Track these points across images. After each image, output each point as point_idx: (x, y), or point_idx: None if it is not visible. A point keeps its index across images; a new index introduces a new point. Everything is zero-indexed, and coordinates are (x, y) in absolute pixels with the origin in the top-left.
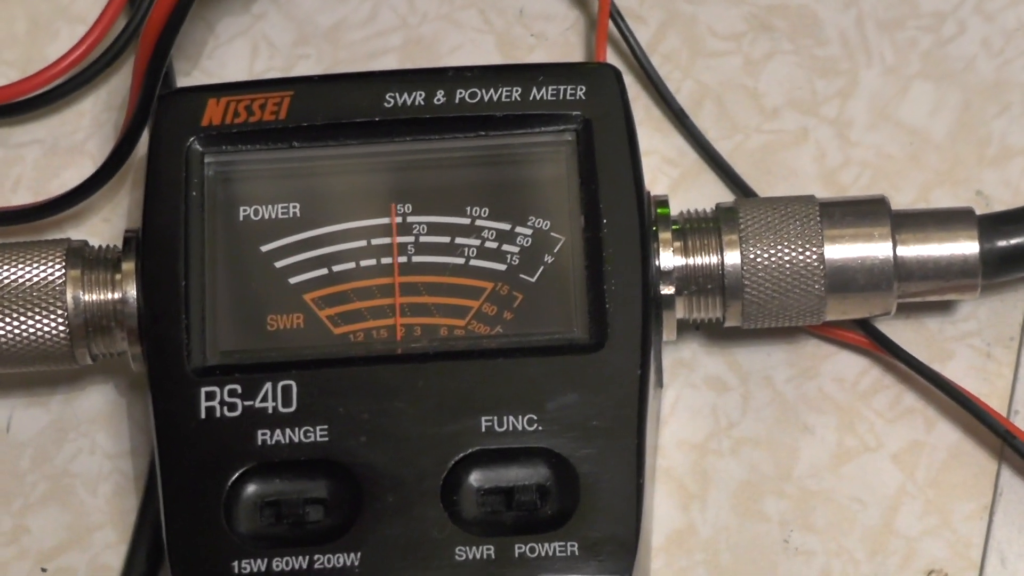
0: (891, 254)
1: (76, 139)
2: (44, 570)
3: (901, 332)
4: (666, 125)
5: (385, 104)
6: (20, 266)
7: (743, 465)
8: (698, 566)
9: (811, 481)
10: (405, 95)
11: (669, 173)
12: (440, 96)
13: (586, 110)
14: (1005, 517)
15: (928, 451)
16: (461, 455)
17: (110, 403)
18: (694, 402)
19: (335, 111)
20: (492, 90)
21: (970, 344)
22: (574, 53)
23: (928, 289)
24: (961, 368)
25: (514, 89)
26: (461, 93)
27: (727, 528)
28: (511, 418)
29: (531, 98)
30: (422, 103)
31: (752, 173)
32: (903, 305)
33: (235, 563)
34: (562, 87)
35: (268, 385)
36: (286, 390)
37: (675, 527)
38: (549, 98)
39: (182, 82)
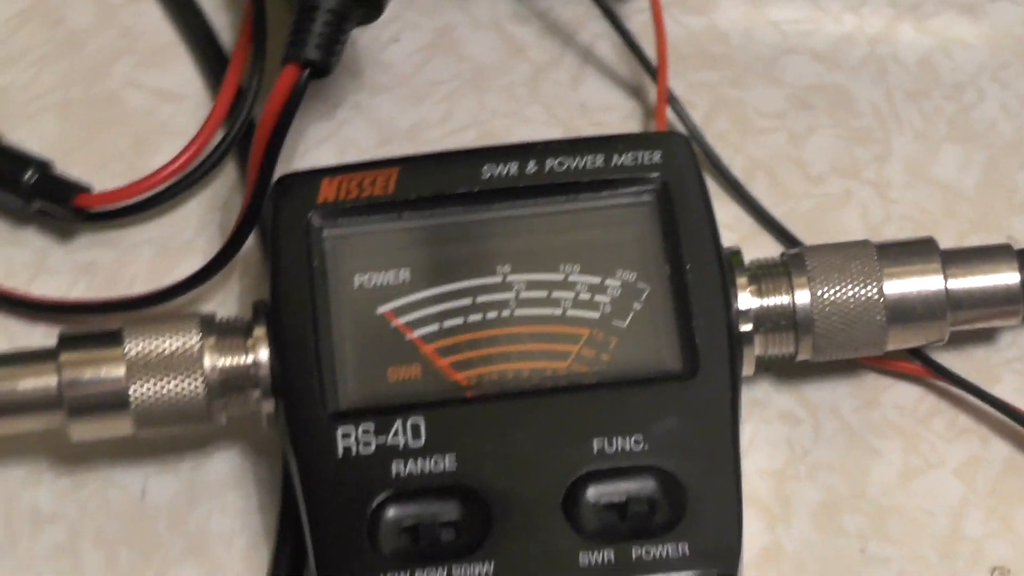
0: (943, 286)
1: (185, 238)
2: None
3: (951, 362)
4: (723, 196)
5: (482, 176)
6: (161, 337)
7: (819, 487)
8: None
9: (883, 497)
10: (500, 167)
11: (729, 238)
12: (532, 166)
13: (662, 172)
14: None
15: (985, 464)
16: (579, 474)
17: (236, 467)
18: (770, 435)
19: (438, 184)
20: (577, 158)
21: (1014, 369)
22: None
23: (977, 316)
24: (1008, 390)
25: (597, 156)
26: (550, 163)
27: (810, 543)
28: (619, 440)
29: (612, 164)
30: (516, 173)
31: (805, 233)
32: (952, 337)
33: None
34: (640, 153)
35: (398, 422)
36: (415, 426)
37: (763, 545)
38: (629, 163)
39: None
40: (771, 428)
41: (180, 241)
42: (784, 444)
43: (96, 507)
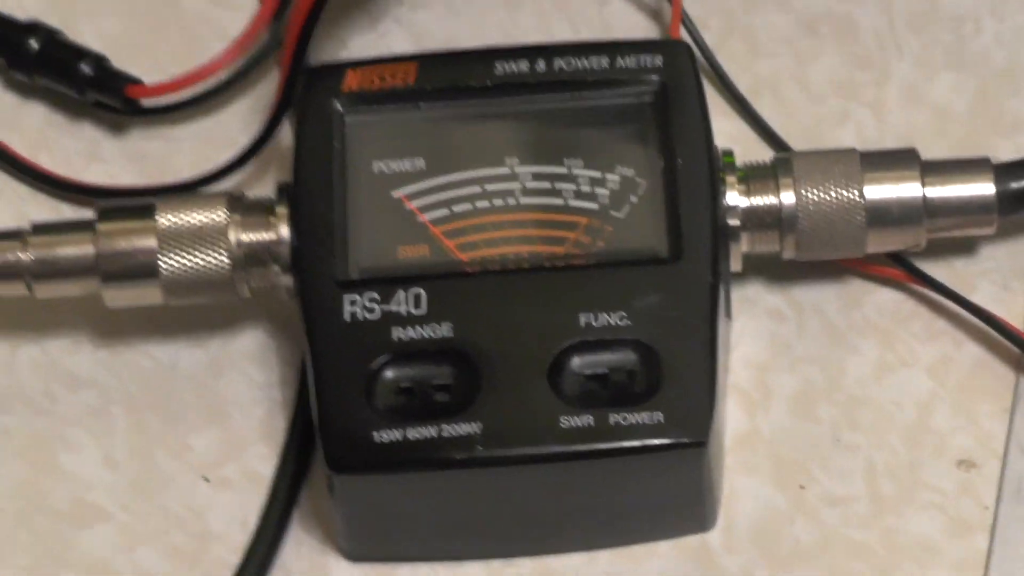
0: (920, 193)
1: (229, 135)
2: (207, 479)
3: (931, 269)
4: (728, 110)
5: (495, 71)
6: (191, 212)
7: (799, 379)
8: (762, 461)
9: (857, 390)
10: (512, 64)
11: (730, 147)
12: (541, 64)
13: (663, 75)
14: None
15: (956, 364)
16: (564, 344)
17: (259, 343)
18: (757, 330)
19: (454, 77)
20: (584, 59)
21: (990, 279)
22: None
23: (952, 224)
24: (983, 297)
25: (602, 58)
26: (558, 62)
27: (786, 429)
28: (605, 315)
29: (616, 66)
30: (526, 70)
31: (803, 147)
32: (932, 246)
33: (376, 433)
34: (642, 56)
35: (401, 292)
36: (416, 296)
37: (743, 430)
38: (631, 66)
39: None
40: (758, 323)
41: (225, 137)
42: (769, 339)
43: (129, 375)
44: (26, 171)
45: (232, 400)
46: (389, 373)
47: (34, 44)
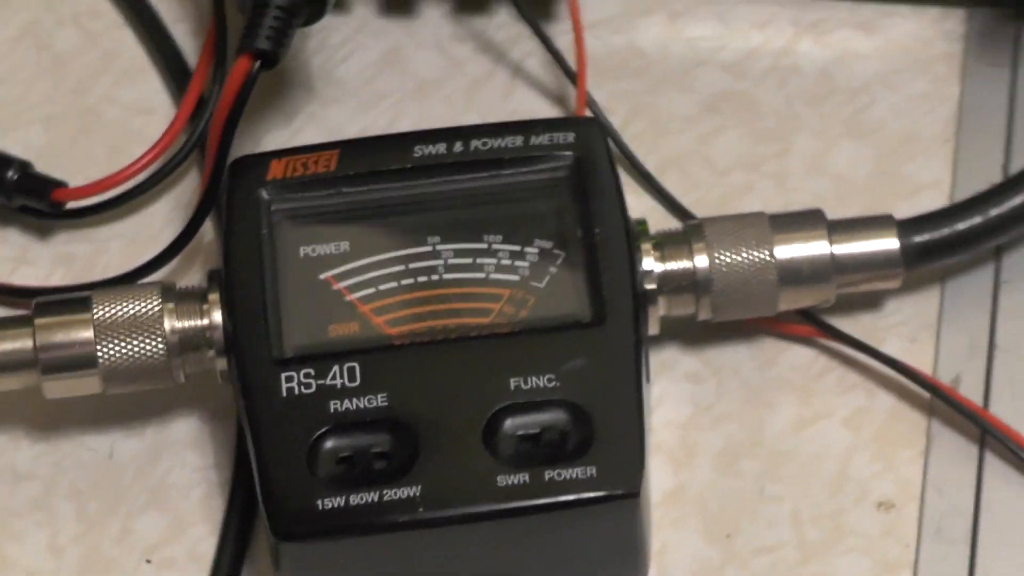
0: (829, 251)
1: (152, 232)
2: (149, 561)
3: (840, 325)
4: (638, 188)
5: (414, 154)
6: (126, 302)
7: (720, 436)
8: (690, 516)
9: (777, 444)
10: (430, 146)
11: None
12: (458, 146)
13: (575, 151)
14: (938, 458)
15: (871, 414)
16: (497, 407)
17: (193, 429)
18: (677, 393)
19: (375, 161)
20: (500, 139)
21: (897, 332)
22: None
23: (861, 279)
24: (892, 350)
25: (516, 137)
26: (475, 142)
27: (711, 485)
28: (534, 378)
29: (530, 143)
30: (444, 151)
31: None
32: (841, 302)
33: (319, 501)
34: (555, 134)
35: (336, 367)
36: (351, 370)
37: (668, 487)
38: (545, 143)
39: None
40: (678, 387)
41: (148, 235)
42: (689, 400)
43: (68, 466)
44: None
45: (170, 484)
46: (328, 443)
47: None
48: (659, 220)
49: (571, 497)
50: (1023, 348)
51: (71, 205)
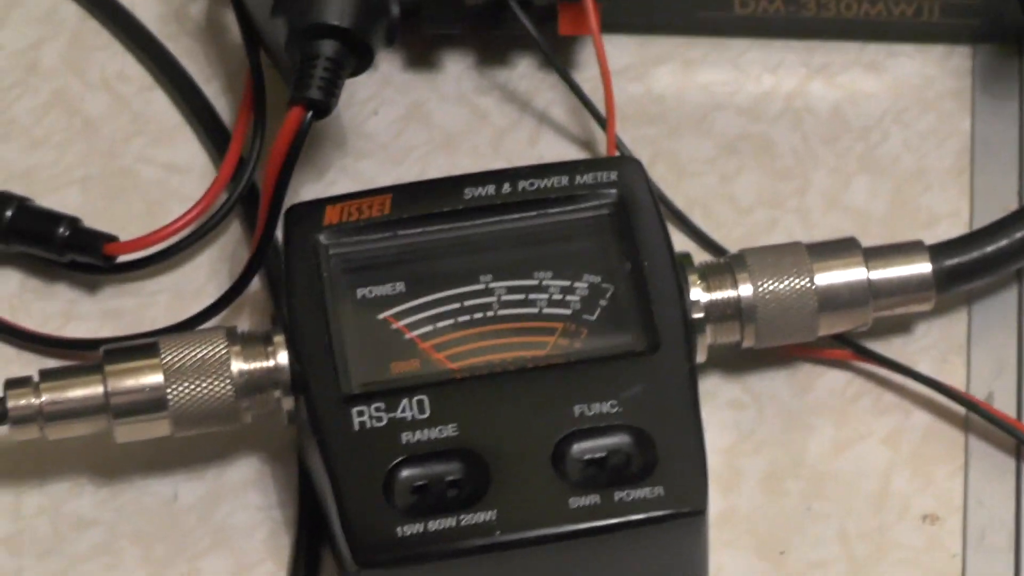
0: (865, 276)
1: (197, 285)
2: None
3: (874, 349)
4: (669, 227)
5: (464, 196)
6: (192, 347)
7: (764, 460)
8: (742, 536)
9: (820, 465)
10: (480, 188)
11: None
12: (507, 187)
13: (619, 188)
14: (977, 471)
15: (908, 432)
16: (563, 434)
17: (255, 471)
18: (720, 420)
19: (427, 204)
20: (546, 179)
21: (929, 355)
22: None
23: (895, 302)
24: (924, 371)
25: (562, 177)
26: (522, 183)
27: (760, 506)
28: (597, 405)
29: (575, 183)
30: (493, 193)
31: None
32: (873, 327)
33: (398, 528)
34: (599, 173)
35: (405, 400)
36: (420, 402)
37: (719, 510)
38: (589, 182)
39: None
40: (721, 414)
41: (193, 288)
42: (733, 426)
43: (132, 511)
44: (10, 332)
45: (234, 525)
46: (403, 473)
47: (7, 213)
48: (694, 255)
49: (642, 516)
50: None
51: (122, 259)
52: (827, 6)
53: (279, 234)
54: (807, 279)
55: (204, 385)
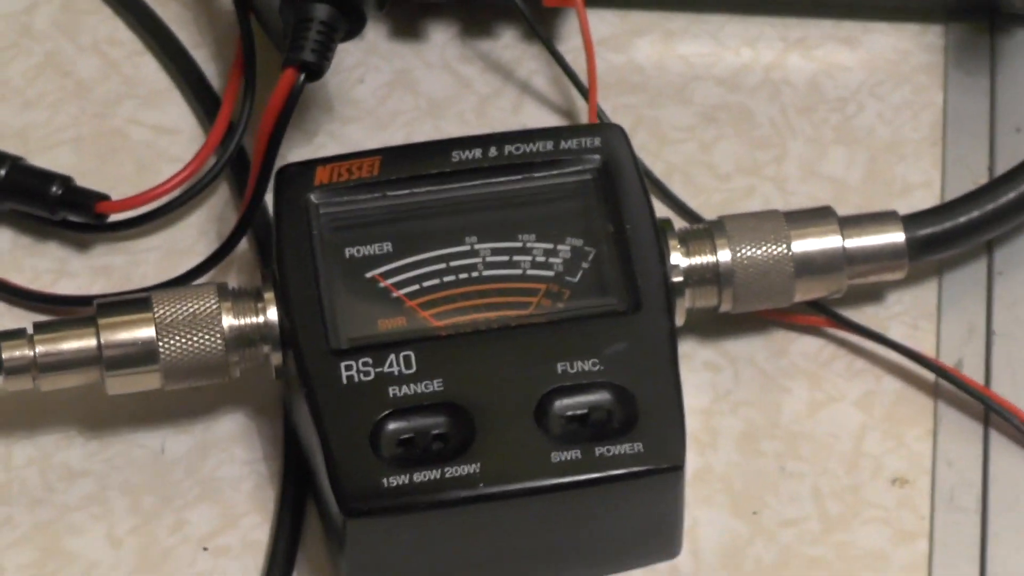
0: (840, 244)
1: (186, 244)
2: (206, 549)
3: (848, 316)
4: None
5: (452, 159)
6: (184, 302)
7: (740, 420)
8: (718, 493)
9: (794, 426)
10: (467, 151)
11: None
12: (493, 151)
13: (602, 154)
14: (945, 435)
15: (880, 397)
16: (546, 390)
17: (241, 425)
18: (697, 381)
19: (415, 166)
20: (531, 144)
21: (900, 321)
22: None
23: (869, 270)
24: (896, 337)
25: (547, 142)
26: (508, 147)
27: (736, 465)
28: (579, 362)
29: (560, 148)
30: (480, 156)
31: None
32: (846, 294)
33: (384, 479)
34: (582, 139)
35: (392, 355)
36: (407, 358)
37: (695, 468)
38: (573, 147)
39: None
40: (697, 375)
41: (183, 247)
42: (709, 388)
43: (121, 463)
44: (1, 287)
45: (221, 477)
46: (390, 426)
47: (1, 171)
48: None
49: (621, 471)
50: (1019, 333)
51: (113, 217)
52: None
53: (268, 196)
54: (784, 246)
55: (195, 339)
